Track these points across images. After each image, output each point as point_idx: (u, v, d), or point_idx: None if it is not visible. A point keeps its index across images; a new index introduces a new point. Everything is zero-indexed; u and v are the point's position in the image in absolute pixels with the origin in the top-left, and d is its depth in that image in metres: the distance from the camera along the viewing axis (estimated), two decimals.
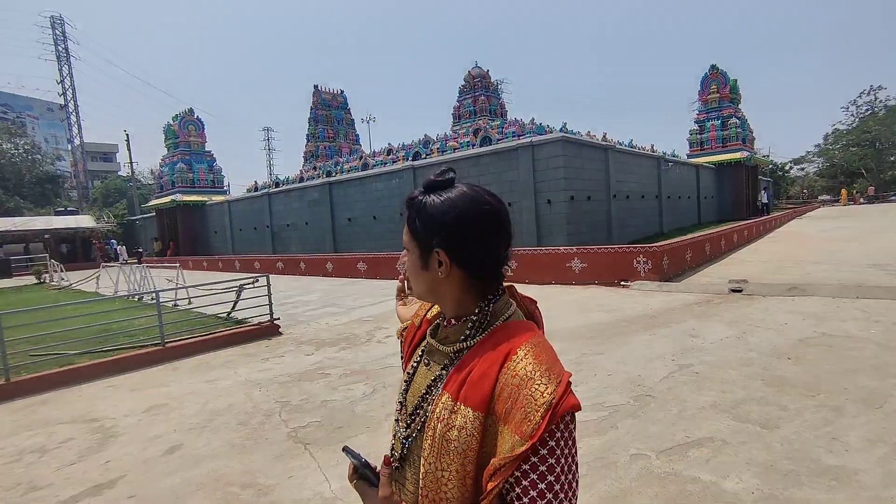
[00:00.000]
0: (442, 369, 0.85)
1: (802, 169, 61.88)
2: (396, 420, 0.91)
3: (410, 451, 0.85)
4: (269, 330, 6.91)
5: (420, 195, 0.87)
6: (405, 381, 0.93)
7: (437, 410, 0.78)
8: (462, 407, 0.75)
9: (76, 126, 45.12)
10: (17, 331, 6.77)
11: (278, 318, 7.18)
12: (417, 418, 0.85)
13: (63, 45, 44.24)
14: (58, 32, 44.04)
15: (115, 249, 28.43)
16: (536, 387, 0.72)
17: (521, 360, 0.76)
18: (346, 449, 0.91)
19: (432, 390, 0.85)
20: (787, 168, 58.05)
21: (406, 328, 1.07)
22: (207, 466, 3.10)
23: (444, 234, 0.82)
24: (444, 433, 0.76)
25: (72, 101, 44.62)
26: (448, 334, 0.87)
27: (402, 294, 1.20)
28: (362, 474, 0.87)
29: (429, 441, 0.78)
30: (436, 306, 0.99)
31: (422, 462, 0.79)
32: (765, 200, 28.37)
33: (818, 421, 3.09)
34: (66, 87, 44.30)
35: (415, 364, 0.93)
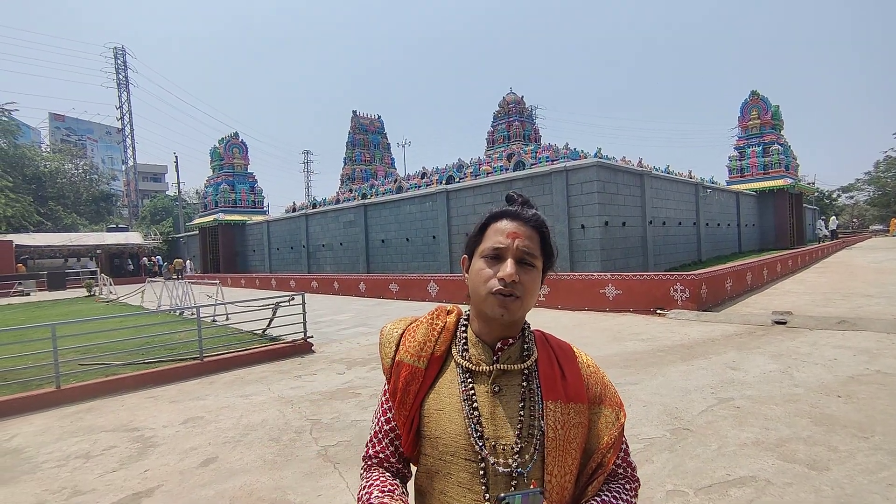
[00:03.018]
0: (523, 386, 0.87)
1: (851, 197, 59.24)
2: (483, 459, 0.82)
3: (524, 477, 0.81)
4: (303, 347, 7.03)
5: (535, 210, 0.91)
6: (473, 418, 0.84)
7: (551, 420, 0.84)
8: (573, 405, 0.86)
9: (131, 148, 47.89)
10: (68, 341, 7.14)
11: (311, 337, 7.31)
12: (533, 438, 0.83)
13: (123, 74, 47.42)
14: (119, 62, 47.27)
15: (185, 264, 29.73)
16: (601, 372, 0.94)
17: (581, 355, 0.94)
18: (506, 497, 0.75)
19: (531, 407, 0.85)
20: (834, 196, 55.72)
21: (394, 366, 0.94)
22: (240, 480, 3.15)
23: (555, 258, 0.93)
24: (566, 435, 0.84)
25: (128, 126, 47.48)
26: (510, 354, 0.89)
27: None
28: None
29: (553, 454, 0.82)
30: (441, 343, 0.93)
31: (546, 478, 0.82)
32: (833, 227, 27.97)
33: (872, 465, 2.90)
34: (124, 112, 47.25)
35: (469, 398, 0.86)
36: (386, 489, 0.87)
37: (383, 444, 0.94)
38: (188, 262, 29.58)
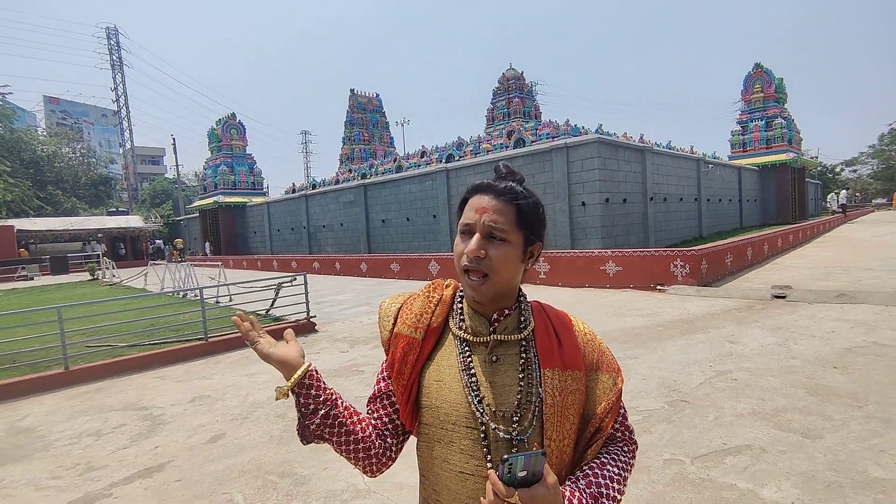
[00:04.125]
0: (521, 356, 0.88)
1: (855, 171, 58.79)
2: (484, 425, 0.83)
3: (524, 443, 0.83)
4: (306, 327, 7.11)
5: (512, 182, 0.89)
6: (472, 386, 0.85)
7: (549, 387, 0.85)
8: (570, 372, 0.87)
9: (128, 131, 47.47)
10: (74, 323, 7.21)
11: (315, 316, 7.38)
12: (531, 405, 0.84)
13: (117, 55, 46.66)
14: (112, 42, 46.48)
15: (204, 246, 29.51)
16: (598, 339, 0.95)
17: (578, 323, 0.95)
18: (509, 458, 0.69)
19: (528, 375, 0.86)
20: (837, 170, 55.32)
21: (392, 338, 0.95)
22: (248, 455, 3.24)
23: (542, 228, 0.92)
24: (563, 401, 0.85)
25: (124, 108, 46.97)
26: (507, 324, 0.90)
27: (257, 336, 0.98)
28: (523, 480, 0.71)
29: (551, 419, 0.84)
30: (437, 315, 0.93)
31: (546, 443, 0.84)
32: (842, 201, 28.03)
33: (865, 432, 2.96)
34: (119, 94, 46.69)
35: (467, 368, 0.87)
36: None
37: (373, 404, 0.99)
38: (206, 244, 29.44)
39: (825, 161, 52.02)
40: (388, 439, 0.95)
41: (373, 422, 0.96)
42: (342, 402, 0.95)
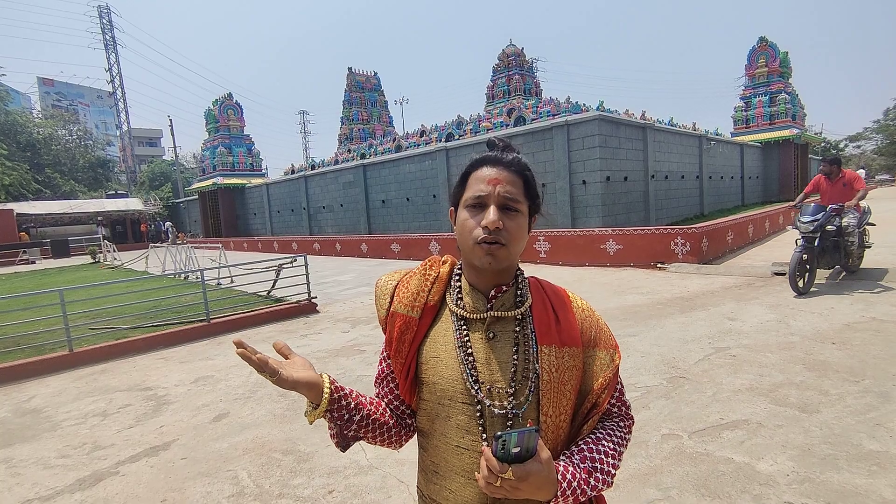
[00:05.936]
0: (516, 332, 0.88)
1: (859, 147, 58.15)
2: (479, 402, 0.84)
3: (519, 418, 0.83)
4: (307, 308, 7.15)
5: (517, 154, 0.89)
6: (469, 363, 0.86)
7: (546, 364, 0.85)
8: (567, 349, 0.87)
9: (124, 112, 46.94)
10: (77, 306, 7.27)
11: (315, 297, 7.41)
12: (528, 381, 0.84)
13: (110, 34, 45.82)
14: (105, 21, 45.61)
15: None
16: (596, 315, 0.94)
17: (576, 299, 0.94)
18: (503, 434, 0.70)
19: (525, 352, 0.86)
20: (841, 146, 54.77)
21: (389, 317, 0.95)
22: (252, 433, 3.29)
23: (540, 200, 0.92)
24: (560, 378, 0.85)
25: (119, 89, 46.35)
26: (504, 301, 0.89)
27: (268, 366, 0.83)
28: (516, 455, 0.71)
29: (547, 395, 0.84)
30: (434, 292, 0.93)
31: (542, 419, 0.85)
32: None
33: (861, 406, 2.99)
34: (114, 74, 46.01)
35: (464, 345, 0.87)
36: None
37: (381, 387, 1.01)
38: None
39: (829, 137, 51.49)
40: (408, 420, 1.00)
41: (388, 404, 1.00)
42: (366, 398, 0.97)
